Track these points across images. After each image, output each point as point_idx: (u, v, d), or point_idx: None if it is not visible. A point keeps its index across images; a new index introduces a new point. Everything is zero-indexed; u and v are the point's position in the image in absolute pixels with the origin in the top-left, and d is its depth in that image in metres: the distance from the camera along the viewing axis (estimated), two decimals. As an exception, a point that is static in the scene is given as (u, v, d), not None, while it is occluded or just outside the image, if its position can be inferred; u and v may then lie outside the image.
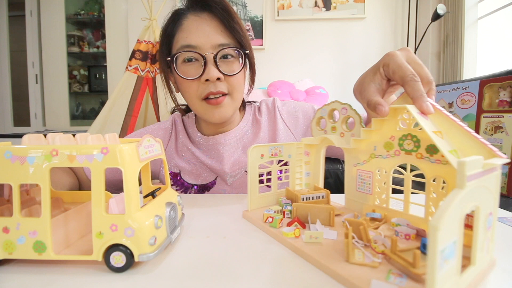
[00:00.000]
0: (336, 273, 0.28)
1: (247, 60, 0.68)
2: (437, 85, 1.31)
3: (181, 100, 0.74)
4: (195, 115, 0.78)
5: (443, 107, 1.21)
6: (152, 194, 0.37)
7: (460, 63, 1.75)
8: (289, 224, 0.40)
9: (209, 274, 0.30)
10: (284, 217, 0.43)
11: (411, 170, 0.38)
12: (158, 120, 1.73)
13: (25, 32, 2.68)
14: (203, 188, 0.73)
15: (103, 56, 2.78)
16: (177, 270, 0.31)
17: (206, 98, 0.64)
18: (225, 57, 0.63)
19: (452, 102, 1.15)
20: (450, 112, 1.16)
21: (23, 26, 2.67)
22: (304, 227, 0.39)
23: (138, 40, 1.77)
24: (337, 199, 0.51)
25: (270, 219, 0.40)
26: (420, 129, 0.36)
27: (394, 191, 0.42)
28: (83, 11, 2.84)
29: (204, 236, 0.39)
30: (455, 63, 1.78)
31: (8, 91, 2.79)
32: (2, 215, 0.33)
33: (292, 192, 0.50)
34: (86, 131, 1.87)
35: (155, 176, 0.76)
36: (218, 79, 0.61)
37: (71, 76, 2.90)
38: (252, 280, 0.29)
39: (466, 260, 0.26)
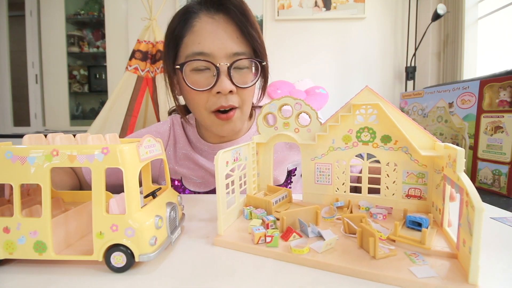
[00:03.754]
0: (377, 275, 0.28)
1: (264, 70, 0.62)
2: (437, 85, 1.31)
3: (183, 101, 0.71)
4: (196, 121, 0.74)
5: (443, 107, 1.21)
6: (153, 194, 0.37)
7: (460, 63, 1.74)
8: (284, 237, 0.35)
9: (209, 274, 0.30)
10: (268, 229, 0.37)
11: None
12: (158, 120, 1.73)
13: (25, 32, 2.67)
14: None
15: (103, 56, 2.78)
16: (178, 270, 0.31)
17: (216, 111, 0.59)
18: (239, 67, 0.58)
19: (452, 102, 1.15)
20: (450, 112, 1.16)
21: (23, 26, 2.67)
22: (301, 236, 0.36)
23: (138, 40, 1.77)
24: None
25: (269, 239, 0.34)
26: (376, 122, 0.42)
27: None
28: (83, 11, 2.84)
29: (204, 236, 0.39)
30: (455, 63, 1.78)
31: (8, 91, 2.78)
32: (2, 215, 0.33)
33: (258, 199, 0.44)
34: (86, 131, 1.87)
35: (154, 181, 0.73)
36: (231, 91, 0.57)
37: (71, 76, 2.90)
38: (251, 280, 0.29)
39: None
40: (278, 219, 0.39)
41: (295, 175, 0.75)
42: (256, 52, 0.59)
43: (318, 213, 0.40)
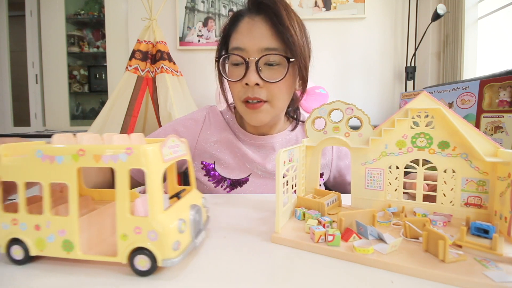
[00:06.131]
0: (450, 277, 0.27)
1: (298, 68, 0.64)
2: (437, 85, 1.32)
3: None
4: (235, 110, 0.78)
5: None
6: (177, 196, 0.37)
7: (460, 63, 1.76)
8: (344, 237, 0.35)
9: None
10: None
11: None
12: (158, 120, 1.73)
13: (25, 32, 2.65)
14: (236, 183, 0.72)
15: (103, 56, 2.77)
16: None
17: (246, 101, 0.64)
18: (270, 63, 0.62)
19: (452, 102, 1.16)
20: (451, 111, 1.17)
21: (23, 26, 2.65)
22: (360, 237, 0.36)
23: (138, 40, 1.77)
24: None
25: (330, 237, 0.34)
26: (433, 128, 0.41)
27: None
28: (83, 11, 2.83)
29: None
30: (455, 63, 1.79)
31: (8, 91, 2.76)
32: (36, 213, 0.33)
33: (310, 200, 0.45)
34: (86, 131, 1.87)
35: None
36: (258, 84, 0.61)
37: (71, 76, 2.88)
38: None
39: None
40: (333, 221, 0.39)
41: (323, 179, 0.78)
42: (291, 51, 0.61)
43: (375, 216, 0.39)
